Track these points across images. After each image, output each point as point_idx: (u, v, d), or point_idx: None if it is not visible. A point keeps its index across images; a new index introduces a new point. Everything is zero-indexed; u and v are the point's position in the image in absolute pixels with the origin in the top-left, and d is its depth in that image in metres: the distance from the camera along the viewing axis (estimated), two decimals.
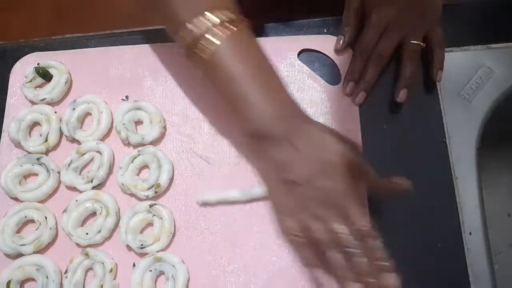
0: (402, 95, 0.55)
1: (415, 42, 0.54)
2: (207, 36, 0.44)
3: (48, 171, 0.54)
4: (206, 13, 0.44)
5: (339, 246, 0.42)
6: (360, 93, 0.56)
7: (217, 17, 0.44)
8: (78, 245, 0.52)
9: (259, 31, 0.60)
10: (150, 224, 0.53)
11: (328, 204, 0.43)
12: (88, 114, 0.58)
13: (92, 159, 0.55)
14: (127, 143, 0.56)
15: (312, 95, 0.57)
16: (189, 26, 0.44)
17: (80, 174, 0.55)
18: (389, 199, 0.50)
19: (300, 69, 0.58)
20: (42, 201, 0.54)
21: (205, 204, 0.53)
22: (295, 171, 0.43)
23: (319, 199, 0.43)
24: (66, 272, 0.51)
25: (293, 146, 0.43)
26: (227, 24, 0.44)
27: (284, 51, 0.59)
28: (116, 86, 0.59)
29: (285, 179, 0.44)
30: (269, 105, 0.44)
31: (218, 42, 0.43)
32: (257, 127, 0.44)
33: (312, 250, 0.44)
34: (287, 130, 0.43)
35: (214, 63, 0.44)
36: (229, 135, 0.56)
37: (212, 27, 0.44)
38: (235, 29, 0.44)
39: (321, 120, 0.56)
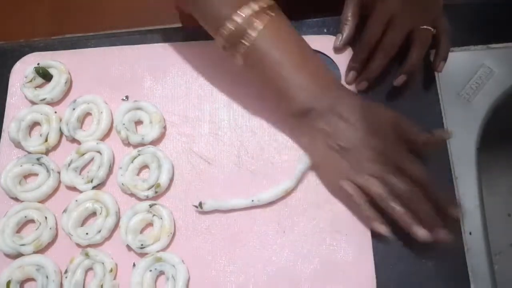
0: (399, 80, 0.54)
1: (426, 27, 0.53)
2: (252, 23, 0.47)
3: (48, 171, 0.54)
4: (250, 2, 0.47)
5: (398, 197, 0.46)
6: (362, 82, 0.55)
7: (258, 5, 0.48)
8: (78, 245, 0.52)
9: None
10: (150, 224, 0.53)
11: (382, 161, 0.47)
12: (88, 114, 0.58)
13: (92, 159, 0.55)
14: (127, 143, 0.56)
15: None
16: (234, 17, 0.47)
17: (80, 174, 0.55)
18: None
19: None
20: (42, 201, 0.54)
21: (203, 212, 0.53)
22: (345, 137, 0.48)
23: (372, 158, 0.48)
24: (66, 272, 0.51)
25: (338, 115, 0.48)
26: (267, 10, 0.48)
27: None
28: (116, 86, 0.59)
29: (336, 146, 0.49)
30: (311, 84, 0.49)
31: (260, 28, 0.47)
32: (303, 105, 0.49)
33: (373, 207, 0.48)
34: (330, 103, 0.48)
35: (257, 49, 0.48)
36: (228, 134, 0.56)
37: (254, 15, 0.47)
38: (273, 14, 0.48)
39: None
